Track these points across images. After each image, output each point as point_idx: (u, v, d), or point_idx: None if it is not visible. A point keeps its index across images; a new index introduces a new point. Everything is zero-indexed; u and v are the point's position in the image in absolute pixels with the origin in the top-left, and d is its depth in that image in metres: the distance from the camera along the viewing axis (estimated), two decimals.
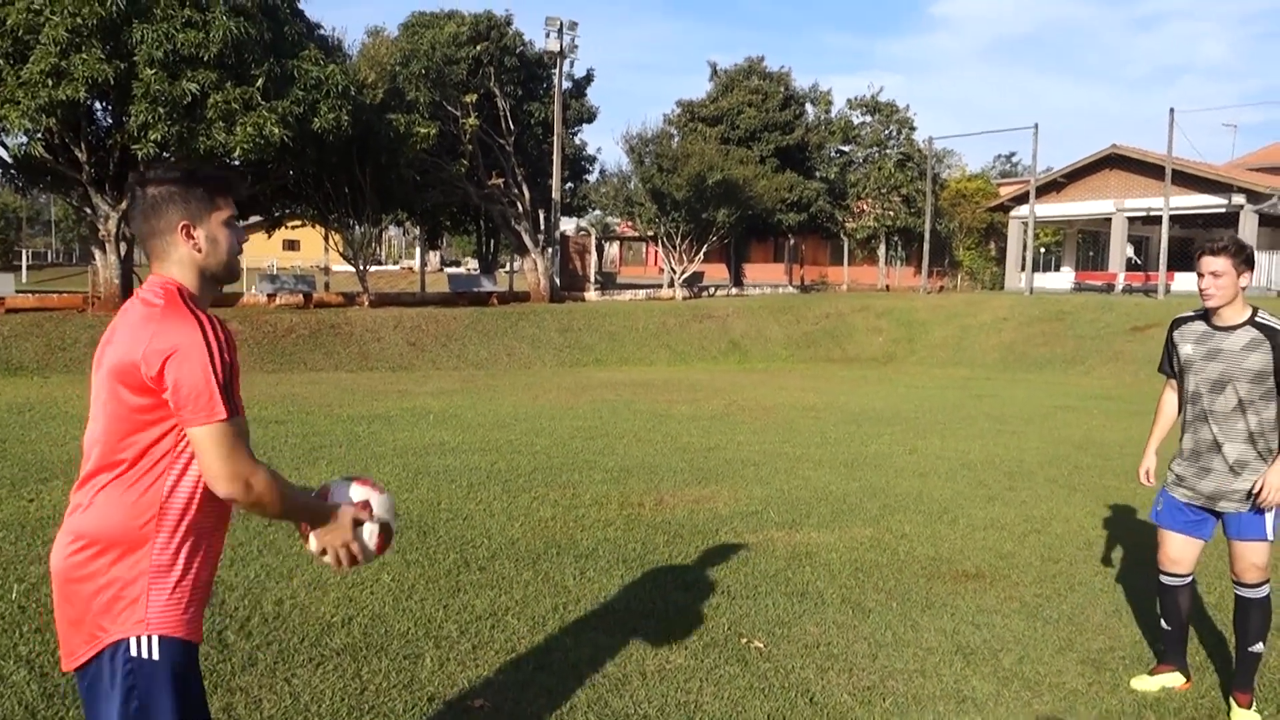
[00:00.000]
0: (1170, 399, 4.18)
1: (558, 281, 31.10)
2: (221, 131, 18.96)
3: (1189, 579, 4.05)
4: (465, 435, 10.60)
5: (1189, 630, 4.23)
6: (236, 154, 19.82)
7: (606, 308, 29.12)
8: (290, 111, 19.67)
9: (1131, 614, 5.01)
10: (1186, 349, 3.93)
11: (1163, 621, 4.13)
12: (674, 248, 33.28)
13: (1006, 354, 26.98)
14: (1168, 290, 31.38)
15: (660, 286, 34.81)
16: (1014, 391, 18.76)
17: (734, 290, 37.32)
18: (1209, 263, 3.72)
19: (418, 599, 4.93)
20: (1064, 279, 38.49)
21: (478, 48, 28.37)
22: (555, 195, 30.78)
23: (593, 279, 34.17)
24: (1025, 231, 35.68)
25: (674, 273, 33.47)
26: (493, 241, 36.35)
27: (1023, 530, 6.85)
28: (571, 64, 31.40)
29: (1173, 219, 32.42)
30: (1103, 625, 4.84)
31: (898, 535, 6.60)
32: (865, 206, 42.33)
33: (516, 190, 30.01)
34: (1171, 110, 30.63)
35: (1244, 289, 3.77)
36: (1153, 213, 33.14)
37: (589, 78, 33.57)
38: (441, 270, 53.86)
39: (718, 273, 42.91)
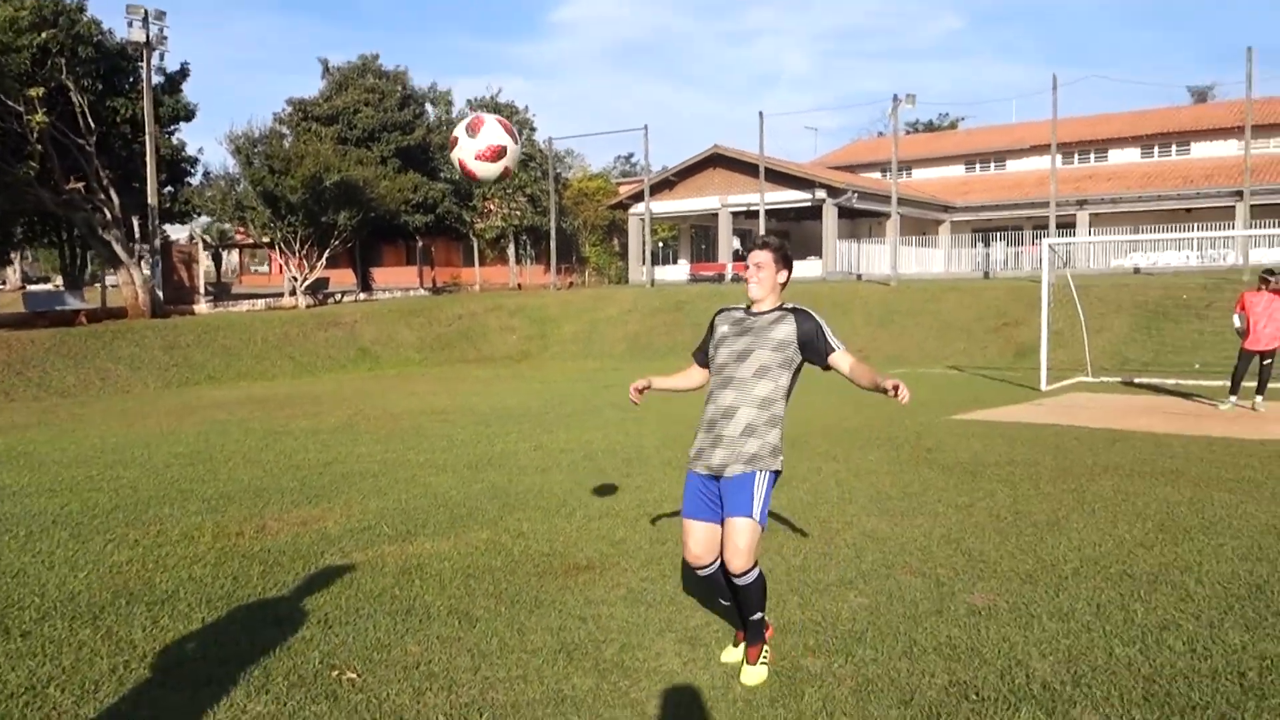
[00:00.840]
0: (696, 370, 4.37)
1: (161, 295, 28.26)
2: None
3: (717, 563, 4.06)
4: (33, 476, 9.16)
5: None
6: None
7: (220, 320, 26.90)
8: None
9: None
10: (723, 329, 4.14)
11: (720, 599, 4.30)
12: (294, 253, 31.47)
13: (633, 344, 28.25)
14: None
15: (282, 295, 32.80)
16: (638, 380, 19.57)
17: (362, 295, 36.05)
18: (755, 255, 4.09)
19: None
20: (681, 271, 41.09)
21: (43, 35, 25.00)
22: (151, 200, 27.93)
23: (203, 290, 31.47)
24: (643, 228, 37.65)
25: (295, 280, 31.66)
26: (81, 254, 32.36)
27: (635, 515, 7.00)
28: (162, 57, 28.71)
29: (769, 213, 35.66)
30: (700, 601, 4.99)
31: (514, 534, 6.49)
32: (492, 206, 42.61)
33: (103, 195, 26.86)
34: (761, 113, 33.77)
35: (783, 285, 4.12)
36: (752, 208, 36.25)
37: (184, 72, 30.84)
38: (24, 288, 47.26)
39: (346, 278, 41.28)
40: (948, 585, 5.17)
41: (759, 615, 4.01)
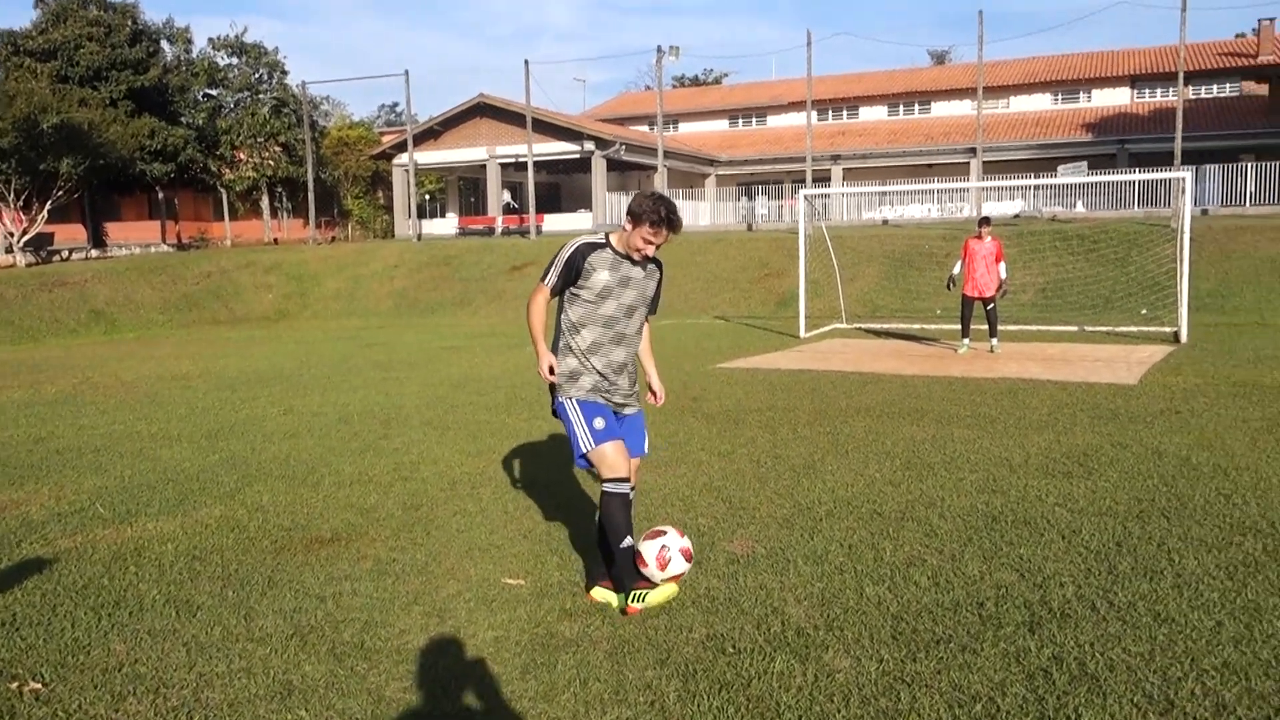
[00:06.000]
0: (544, 301, 4.24)
1: None
2: None
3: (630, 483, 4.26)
4: None
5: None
6: None
7: None
8: None
9: (484, 550, 4.95)
10: (604, 275, 4.13)
11: (613, 543, 4.13)
12: (8, 205, 28.13)
13: (399, 301, 27.28)
14: (539, 231, 34.08)
15: None
16: (404, 337, 18.88)
17: (95, 252, 32.82)
18: (662, 233, 4.08)
19: None
20: (449, 225, 39.99)
21: None
22: None
23: None
24: (408, 179, 36.28)
25: (11, 236, 28.36)
26: None
27: (390, 480, 6.59)
28: None
29: (539, 165, 35.15)
30: (454, 569, 4.68)
31: (252, 508, 5.93)
32: (243, 156, 39.76)
33: None
34: (526, 62, 32.85)
35: None
36: (520, 159, 35.62)
37: None
38: None
39: (76, 233, 37.43)
40: (708, 534, 5.12)
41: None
